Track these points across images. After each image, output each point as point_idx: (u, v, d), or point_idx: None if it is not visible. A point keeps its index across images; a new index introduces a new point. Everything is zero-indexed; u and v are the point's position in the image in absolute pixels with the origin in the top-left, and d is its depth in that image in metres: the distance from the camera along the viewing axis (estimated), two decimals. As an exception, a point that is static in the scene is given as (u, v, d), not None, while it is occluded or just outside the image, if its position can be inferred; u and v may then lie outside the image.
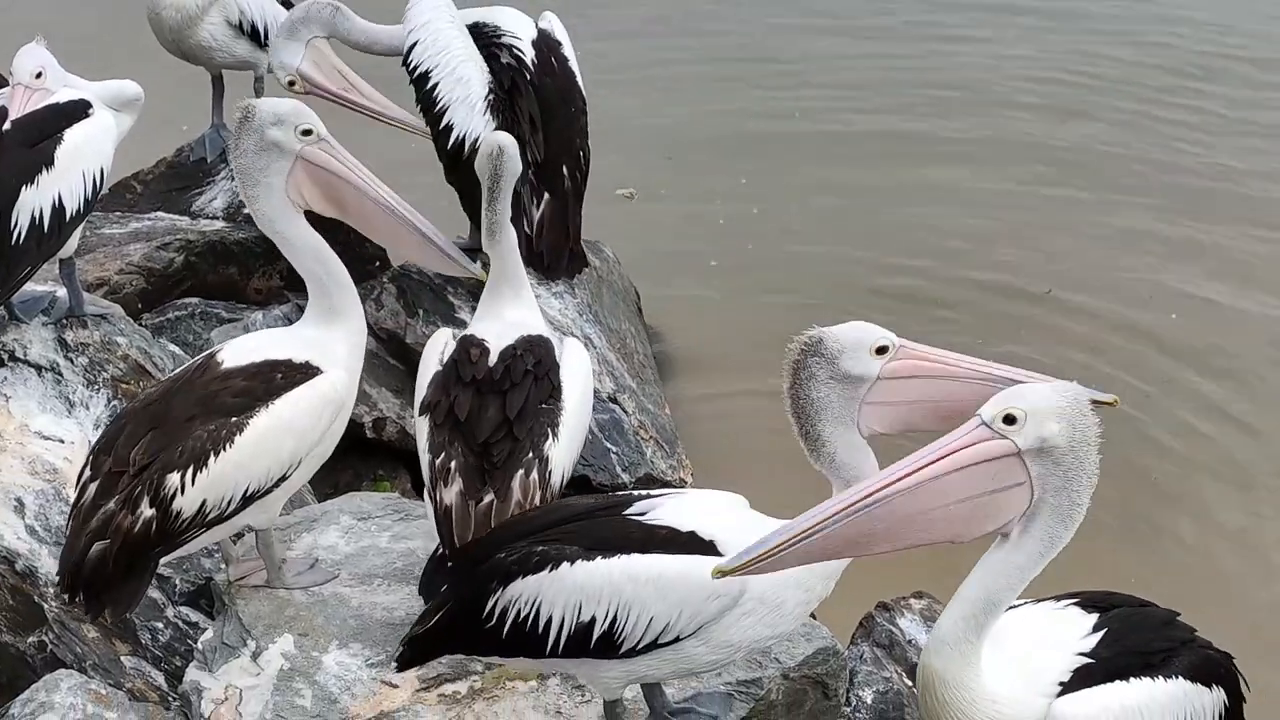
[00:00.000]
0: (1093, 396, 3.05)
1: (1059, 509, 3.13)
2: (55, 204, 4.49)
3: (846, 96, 8.77)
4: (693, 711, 3.71)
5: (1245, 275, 7.26)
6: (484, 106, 5.33)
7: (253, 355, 3.83)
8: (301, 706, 3.75)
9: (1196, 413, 6.34)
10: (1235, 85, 9.16)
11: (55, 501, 4.34)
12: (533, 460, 3.81)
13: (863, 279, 6.93)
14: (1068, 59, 9.61)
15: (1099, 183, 8.06)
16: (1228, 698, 3.51)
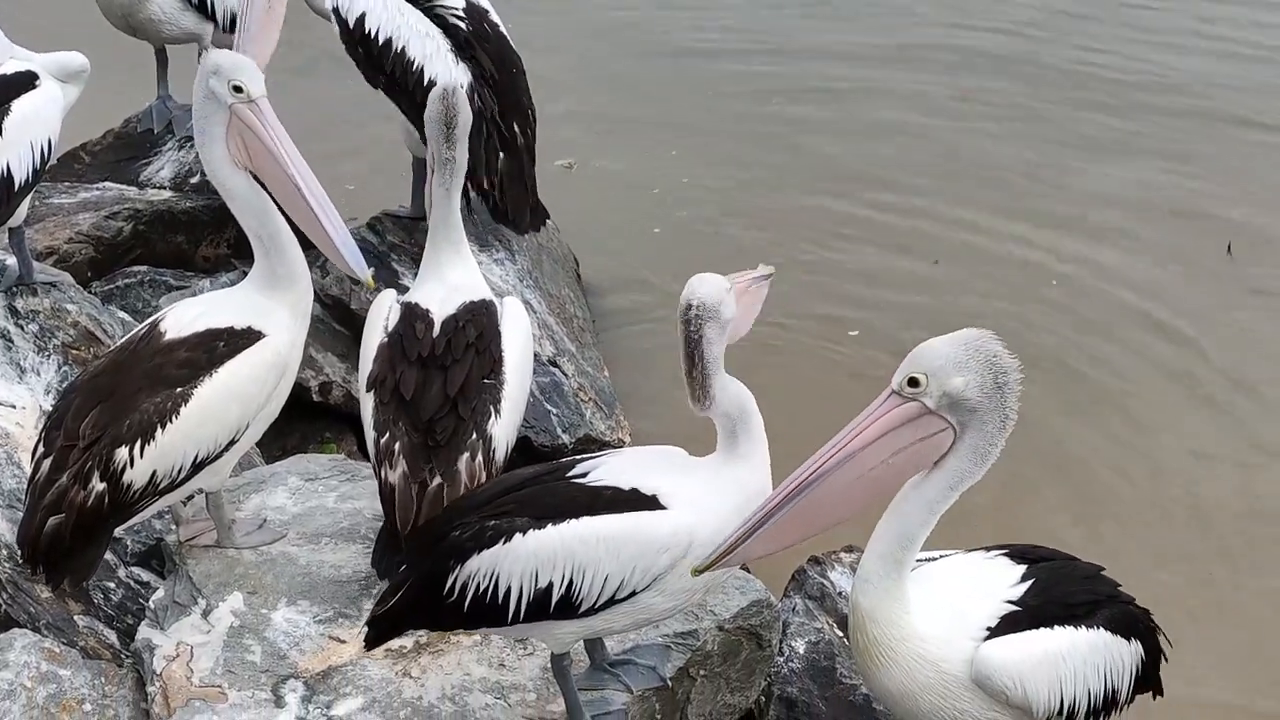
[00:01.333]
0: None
1: (975, 448, 3.23)
2: (4, 174, 4.46)
3: (765, 75, 8.82)
4: (631, 663, 3.73)
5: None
6: (454, 58, 5.32)
7: (195, 324, 3.82)
8: (251, 662, 3.75)
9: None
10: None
11: (7, 466, 4.32)
12: (477, 441, 3.82)
13: (786, 242, 7.01)
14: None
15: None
16: (1145, 652, 3.57)
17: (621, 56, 8.93)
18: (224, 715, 3.62)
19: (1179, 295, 6.83)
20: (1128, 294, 6.87)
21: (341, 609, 3.90)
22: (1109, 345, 6.54)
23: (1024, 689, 3.37)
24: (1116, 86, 8.79)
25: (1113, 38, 9.38)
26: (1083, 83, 8.84)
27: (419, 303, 4.04)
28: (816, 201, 7.46)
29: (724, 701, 3.84)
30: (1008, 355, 3.12)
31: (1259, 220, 7.38)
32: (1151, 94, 8.73)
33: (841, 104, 8.56)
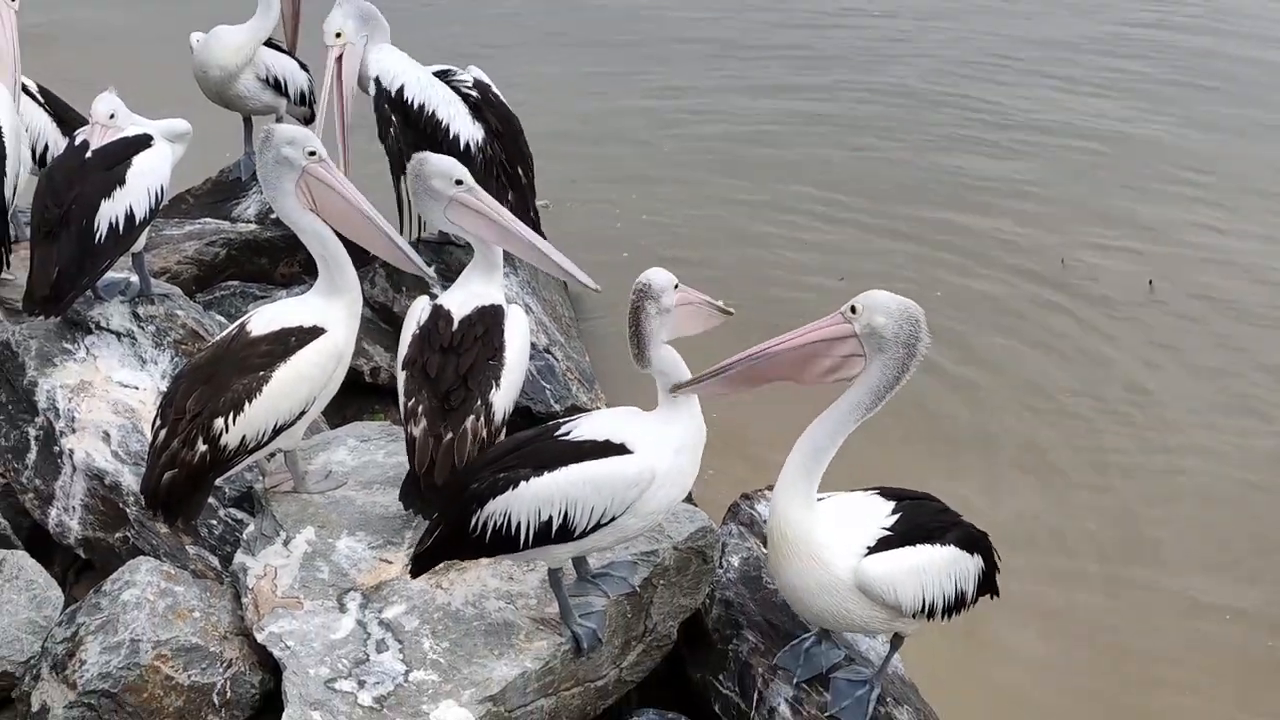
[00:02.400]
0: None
1: (877, 384, 3.28)
2: (127, 213, 4.43)
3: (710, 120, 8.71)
4: (608, 575, 3.73)
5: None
6: (471, 118, 5.30)
7: (273, 324, 3.81)
8: (321, 579, 3.75)
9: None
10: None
11: (133, 433, 4.29)
12: (481, 407, 3.80)
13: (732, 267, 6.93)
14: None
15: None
16: (984, 564, 3.62)
17: (589, 114, 8.81)
18: (301, 619, 3.61)
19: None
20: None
21: (389, 538, 3.88)
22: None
23: (896, 593, 3.41)
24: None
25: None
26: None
27: (444, 305, 4.02)
28: (759, 229, 7.37)
29: (678, 603, 3.83)
30: (925, 328, 3.22)
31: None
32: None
33: (772, 145, 8.38)
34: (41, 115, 5.36)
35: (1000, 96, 9.18)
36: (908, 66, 9.69)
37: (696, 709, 3.91)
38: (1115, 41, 10.27)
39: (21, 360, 4.41)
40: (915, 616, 3.49)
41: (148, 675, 3.51)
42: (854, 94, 9.19)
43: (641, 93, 9.23)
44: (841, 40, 10.19)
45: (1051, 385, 6.15)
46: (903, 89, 9.28)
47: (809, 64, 9.73)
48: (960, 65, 9.71)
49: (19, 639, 3.76)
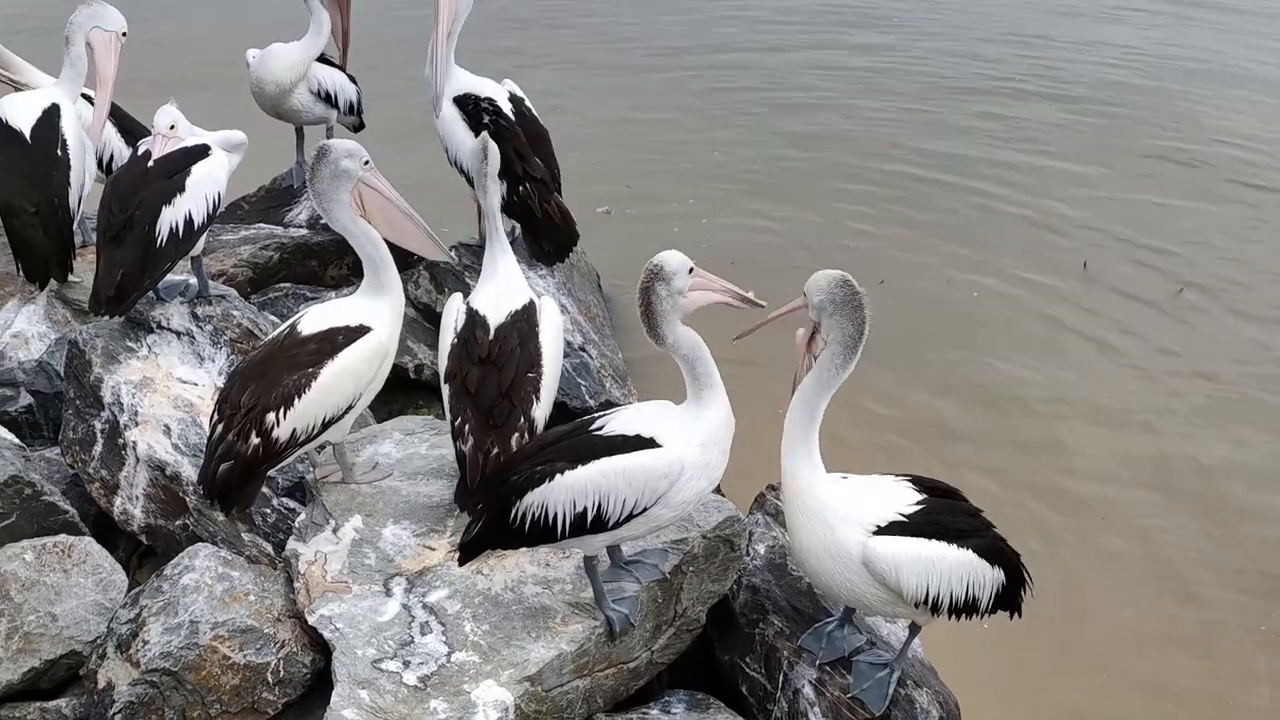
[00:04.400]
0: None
1: (839, 348, 3.37)
2: (186, 218, 4.43)
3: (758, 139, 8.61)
4: (640, 562, 3.72)
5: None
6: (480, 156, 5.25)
7: (322, 323, 3.82)
8: (368, 565, 3.75)
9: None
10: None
11: (192, 427, 4.30)
12: (524, 423, 3.81)
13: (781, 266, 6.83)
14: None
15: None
16: (1006, 579, 3.49)
17: (649, 124, 8.73)
18: (349, 602, 3.62)
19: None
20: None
21: (432, 526, 3.88)
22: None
23: (897, 576, 3.37)
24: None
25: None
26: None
27: (478, 309, 4.01)
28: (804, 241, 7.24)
29: (707, 589, 3.82)
30: (856, 289, 3.35)
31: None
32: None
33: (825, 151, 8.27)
34: (108, 126, 5.41)
35: (1042, 102, 9.08)
36: (945, 70, 9.59)
37: (724, 689, 3.90)
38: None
39: (88, 358, 4.42)
40: (917, 606, 3.45)
41: (206, 655, 3.53)
42: (898, 100, 9.09)
43: (694, 95, 9.16)
44: (889, 47, 10.08)
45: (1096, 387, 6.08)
46: (939, 90, 9.18)
47: (852, 70, 9.64)
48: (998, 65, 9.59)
49: (86, 620, 3.79)
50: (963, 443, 5.68)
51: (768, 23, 10.74)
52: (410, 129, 5.69)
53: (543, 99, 5.62)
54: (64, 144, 4.90)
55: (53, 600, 3.80)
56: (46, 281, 5.03)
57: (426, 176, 5.81)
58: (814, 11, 10.94)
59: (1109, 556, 5.09)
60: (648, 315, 3.30)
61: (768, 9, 10.98)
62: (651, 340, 3.34)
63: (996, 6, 11.21)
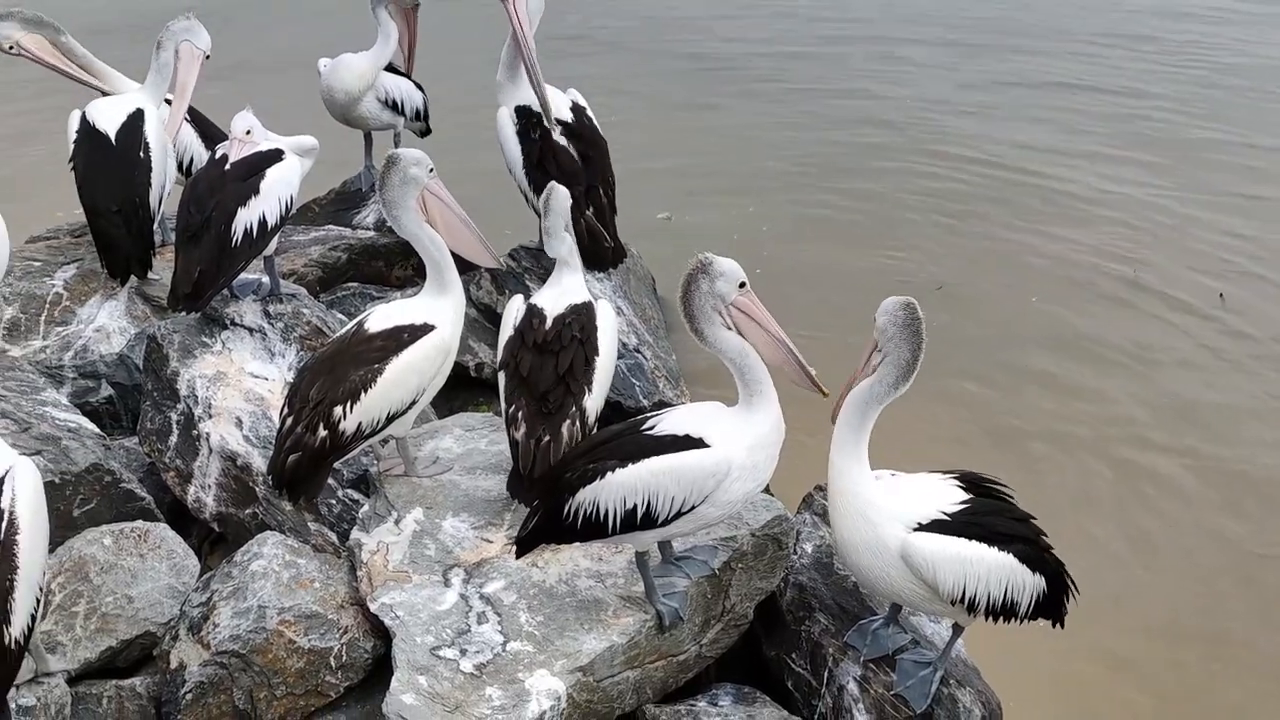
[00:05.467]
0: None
1: (894, 369, 3.36)
2: (260, 219, 4.49)
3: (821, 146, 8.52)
4: (690, 558, 3.72)
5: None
6: (526, 175, 5.26)
7: (387, 322, 3.86)
8: (428, 555, 3.79)
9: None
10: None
11: (262, 419, 4.35)
12: (576, 412, 3.82)
13: (834, 281, 6.78)
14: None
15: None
16: (1048, 587, 3.44)
17: (705, 132, 8.67)
18: (409, 591, 3.66)
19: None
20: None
21: (490, 519, 3.91)
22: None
23: (935, 573, 3.34)
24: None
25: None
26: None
27: (537, 304, 4.04)
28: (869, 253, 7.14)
29: (755, 586, 3.82)
30: (917, 316, 3.34)
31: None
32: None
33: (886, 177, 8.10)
34: (189, 130, 5.51)
35: (1103, 110, 8.90)
36: (1007, 85, 9.41)
37: (770, 684, 3.90)
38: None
39: (166, 352, 4.49)
40: (954, 605, 3.42)
41: (273, 639, 3.58)
42: (956, 110, 8.95)
43: (758, 103, 9.08)
44: (942, 58, 9.93)
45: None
46: (1001, 104, 9.03)
47: (913, 79, 9.50)
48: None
49: (160, 603, 3.85)
50: (1020, 442, 5.62)
51: (826, 20, 10.57)
52: (475, 136, 5.73)
53: (604, 106, 5.62)
54: (146, 147, 4.98)
55: (129, 583, 3.86)
56: (128, 278, 5.11)
57: (489, 182, 5.83)
58: (876, 19, 10.75)
59: (1162, 559, 5.00)
60: (687, 306, 3.30)
61: (832, 12, 10.84)
62: (694, 337, 3.34)
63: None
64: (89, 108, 5.08)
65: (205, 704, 3.56)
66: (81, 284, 5.18)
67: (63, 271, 5.22)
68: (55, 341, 4.98)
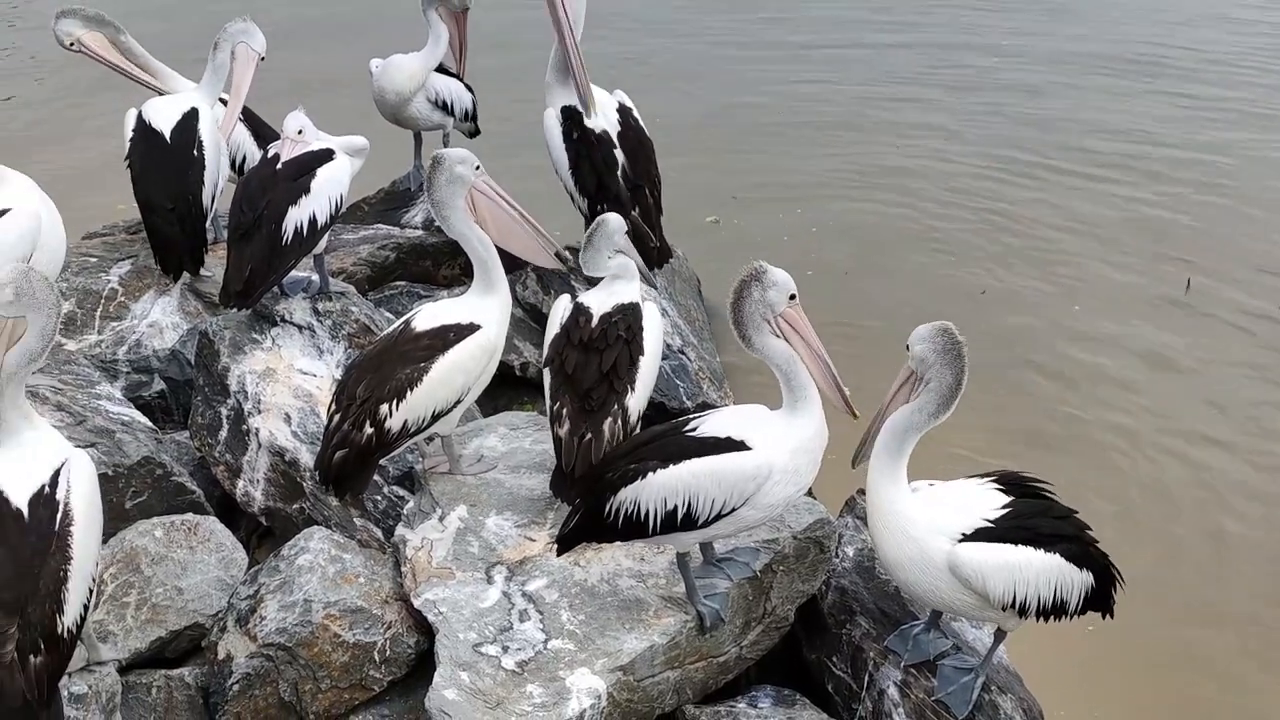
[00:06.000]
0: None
1: (937, 391, 3.33)
2: (311, 218, 4.52)
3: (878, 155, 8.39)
4: (732, 559, 3.71)
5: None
6: (572, 175, 5.24)
7: (434, 320, 3.88)
8: (471, 553, 3.80)
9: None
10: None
11: (310, 416, 4.39)
12: (618, 410, 3.81)
13: (880, 288, 6.69)
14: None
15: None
16: (1095, 582, 3.42)
17: (751, 134, 8.59)
18: (453, 588, 3.67)
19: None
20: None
21: (533, 518, 3.92)
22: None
23: (985, 583, 3.32)
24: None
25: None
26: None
27: (585, 302, 4.05)
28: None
29: (796, 588, 3.80)
30: (957, 340, 3.30)
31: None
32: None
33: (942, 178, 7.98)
34: (242, 129, 5.56)
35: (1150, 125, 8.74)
36: (1070, 96, 9.28)
37: (810, 687, 3.88)
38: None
39: (217, 348, 4.54)
40: (1005, 610, 3.39)
41: (318, 632, 3.61)
42: (1015, 122, 8.80)
43: (808, 105, 9.00)
44: (1007, 66, 9.78)
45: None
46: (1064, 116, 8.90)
47: (970, 85, 9.36)
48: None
49: (209, 595, 3.89)
50: (1063, 444, 5.56)
51: (872, 24, 10.46)
52: (523, 136, 5.75)
53: (651, 109, 5.61)
54: (200, 146, 5.03)
55: (179, 575, 3.91)
56: (180, 275, 5.17)
57: (537, 182, 5.84)
58: (921, 21, 10.60)
59: (1205, 565, 4.93)
60: (736, 313, 3.29)
61: (877, 10, 10.71)
62: (741, 343, 3.33)
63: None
64: (145, 106, 5.14)
65: (251, 696, 3.60)
66: (136, 280, 5.25)
67: (118, 267, 5.30)
68: (110, 336, 5.05)
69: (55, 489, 3.15)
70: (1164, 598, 4.71)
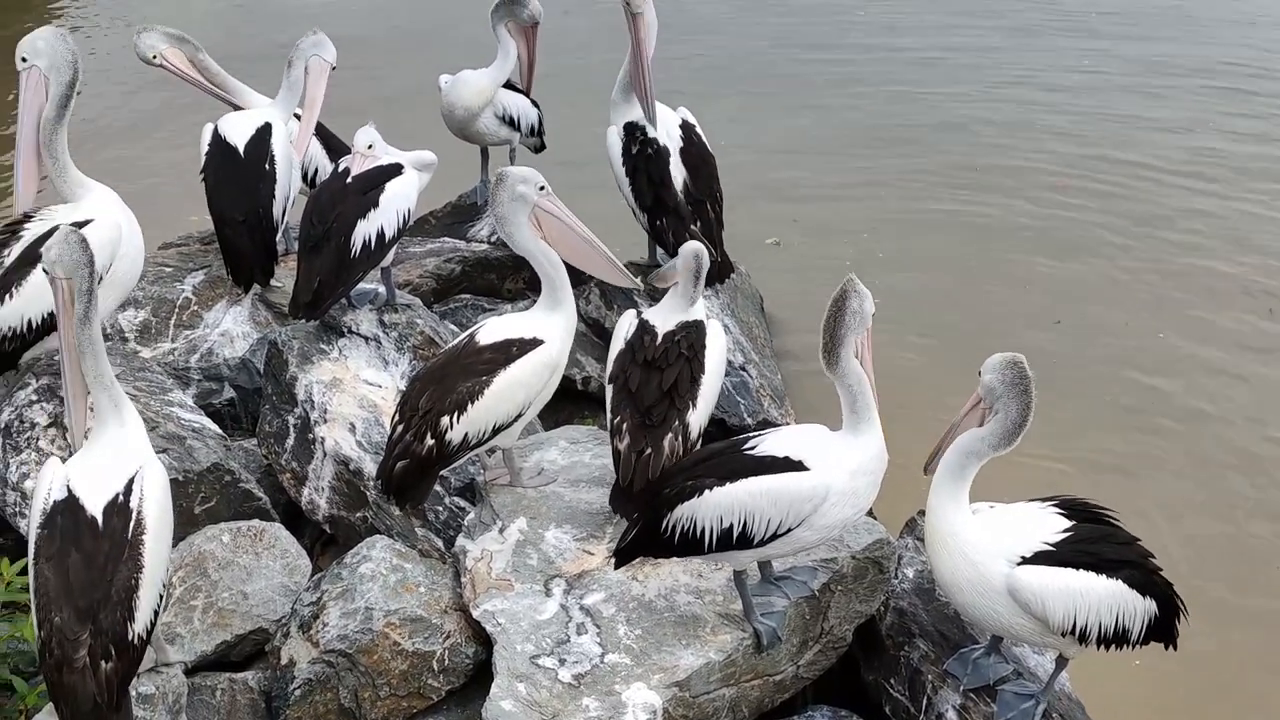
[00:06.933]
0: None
1: (1001, 423, 3.32)
2: (379, 232, 4.57)
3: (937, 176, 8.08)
4: (790, 578, 3.70)
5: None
6: (631, 189, 5.29)
7: (498, 334, 3.90)
8: (530, 565, 3.82)
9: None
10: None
11: (374, 426, 4.43)
12: (678, 426, 3.81)
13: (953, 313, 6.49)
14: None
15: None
16: (1159, 611, 3.36)
17: (813, 153, 8.37)
18: (511, 600, 3.69)
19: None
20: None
21: (592, 531, 3.92)
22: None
23: (1044, 607, 3.27)
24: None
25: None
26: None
27: (649, 320, 4.05)
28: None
29: (854, 609, 3.77)
30: (1026, 375, 3.29)
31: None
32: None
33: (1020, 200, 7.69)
34: (314, 143, 5.66)
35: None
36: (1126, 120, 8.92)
37: (868, 709, 3.84)
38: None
39: (285, 358, 4.60)
40: (1065, 636, 3.34)
41: (378, 640, 3.64)
42: (1081, 146, 8.45)
43: (866, 127, 8.77)
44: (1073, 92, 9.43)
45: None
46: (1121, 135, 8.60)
47: (1033, 117, 9.00)
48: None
49: (273, 600, 3.94)
50: (1130, 475, 5.44)
51: (932, 46, 10.24)
52: (588, 152, 5.77)
53: (714, 131, 5.61)
54: (272, 160, 5.13)
55: (244, 580, 3.97)
56: (251, 285, 5.26)
57: (601, 198, 5.86)
58: (987, 45, 10.30)
59: (1272, 589, 4.81)
60: (837, 328, 3.27)
61: (936, 34, 10.50)
62: (824, 362, 3.31)
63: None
64: (221, 122, 5.25)
65: (312, 701, 3.64)
66: (209, 290, 5.35)
67: (192, 277, 5.40)
68: (183, 344, 5.15)
69: (129, 497, 3.22)
70: (1225, 632, 4.60)
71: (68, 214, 4.22)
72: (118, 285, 4.38)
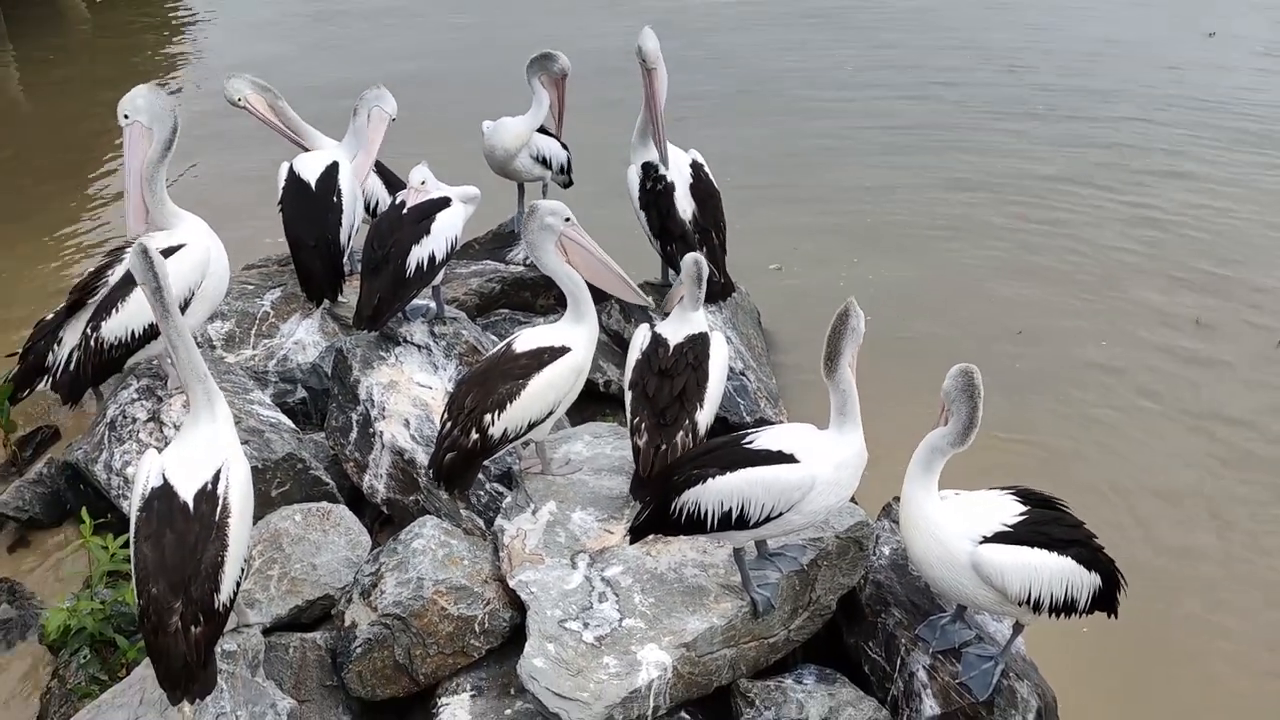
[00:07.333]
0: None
1: (954, 425, 3.32)
2: (430, 256, 4.62)
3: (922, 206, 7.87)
4: (783, 554, 3.71)
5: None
6: (645, 219, 5.32)
7: (531, 343, 3.92)
8: (559, 542, 3.84)
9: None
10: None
11: (426, 422, 4.45)
12: (688, 425, 3.84)
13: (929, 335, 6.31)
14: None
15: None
16: (1102, 584, 3.37)
17: (815, 184, 8.15)
18: (542, 571, 3.71)
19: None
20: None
21: (612, 514, 3.95)
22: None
23: (1003, 580, 3.28)
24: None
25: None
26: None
27: (661, 333, 4.08)
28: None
29: (838, 581, 3.78)
30: (974, 383, 3.29)
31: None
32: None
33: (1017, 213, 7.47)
34: (375, 179, 5.70)
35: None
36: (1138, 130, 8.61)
37: (849, 668, 3.85)
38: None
39: (350, 363, 4.64)
40: (1021, 605, 3.35)
41: (428, 606, 3.66)
42: (1079, 167, 8.19)
43: (868, 159, 8.54)
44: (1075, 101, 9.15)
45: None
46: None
47: (1034, 129, 8.72)
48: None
49: (339, 571, 3.97)
50: (1081, 462, 5.39)
51: (934, 81, 9.95)
52: (610, 188, 5.79)
53: (719, 170, 5.62)
54: (339, 194, 5.17)
55: (314, 553, 4.00)
56: (321, 301, 5.30)
57: (622, 226, 5.89)
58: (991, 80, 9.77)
59: (1207, 558, 4.78)
60: (835, 344, 3.29)
61: (941, 68, 10.05)
62: (824, 370, 3.31)
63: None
64: (295, 161, 5.30)
65: (371, 658, 3.66)
66: (285, 304, 5.39)
67: (270, 294, 5.45)
68: (262, 351, 5.19)
69: (216, 485, 3.25)
70: (1166, 598, 4.59)
71: (164, 240, 4.27)
72: (207, 300, 4.43)
